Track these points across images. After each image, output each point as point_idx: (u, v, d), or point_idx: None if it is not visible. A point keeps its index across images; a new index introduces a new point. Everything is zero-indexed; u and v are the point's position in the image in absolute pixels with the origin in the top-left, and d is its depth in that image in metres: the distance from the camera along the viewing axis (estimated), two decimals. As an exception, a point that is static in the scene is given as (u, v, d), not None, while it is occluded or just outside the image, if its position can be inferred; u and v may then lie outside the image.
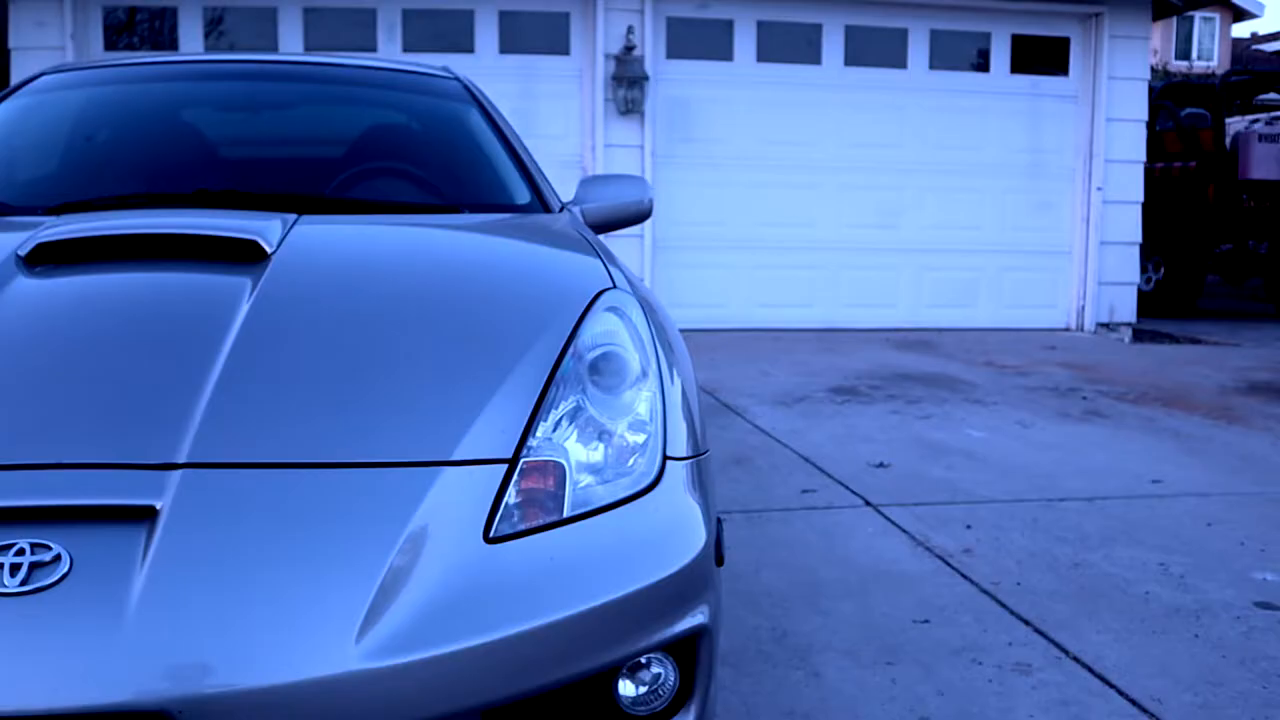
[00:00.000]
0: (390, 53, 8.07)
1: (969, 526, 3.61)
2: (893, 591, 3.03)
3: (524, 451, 1.59)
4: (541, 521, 1.54)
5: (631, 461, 1.70)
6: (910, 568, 3.23)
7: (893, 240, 8.74)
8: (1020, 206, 8.90)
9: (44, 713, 1.22)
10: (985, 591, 3.04)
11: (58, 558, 1.31)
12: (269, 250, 1.90)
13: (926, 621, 2.83)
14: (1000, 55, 8.86)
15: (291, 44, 8.20)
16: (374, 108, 3.11)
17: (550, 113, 8.05)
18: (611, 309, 1.92)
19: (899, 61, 8.71)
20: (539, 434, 1.62)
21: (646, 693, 1.64)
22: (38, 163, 2.81)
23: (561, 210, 2.78)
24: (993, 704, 2.39)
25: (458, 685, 1.40)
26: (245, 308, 1.72)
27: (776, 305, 8.49)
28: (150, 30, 8.65)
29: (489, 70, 7.78)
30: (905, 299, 8.83)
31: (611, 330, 1.85)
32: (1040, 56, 8.90)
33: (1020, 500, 3.93)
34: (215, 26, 8.40)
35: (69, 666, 1.25)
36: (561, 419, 1.67)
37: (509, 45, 8.19)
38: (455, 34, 8.17)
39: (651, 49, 8.15)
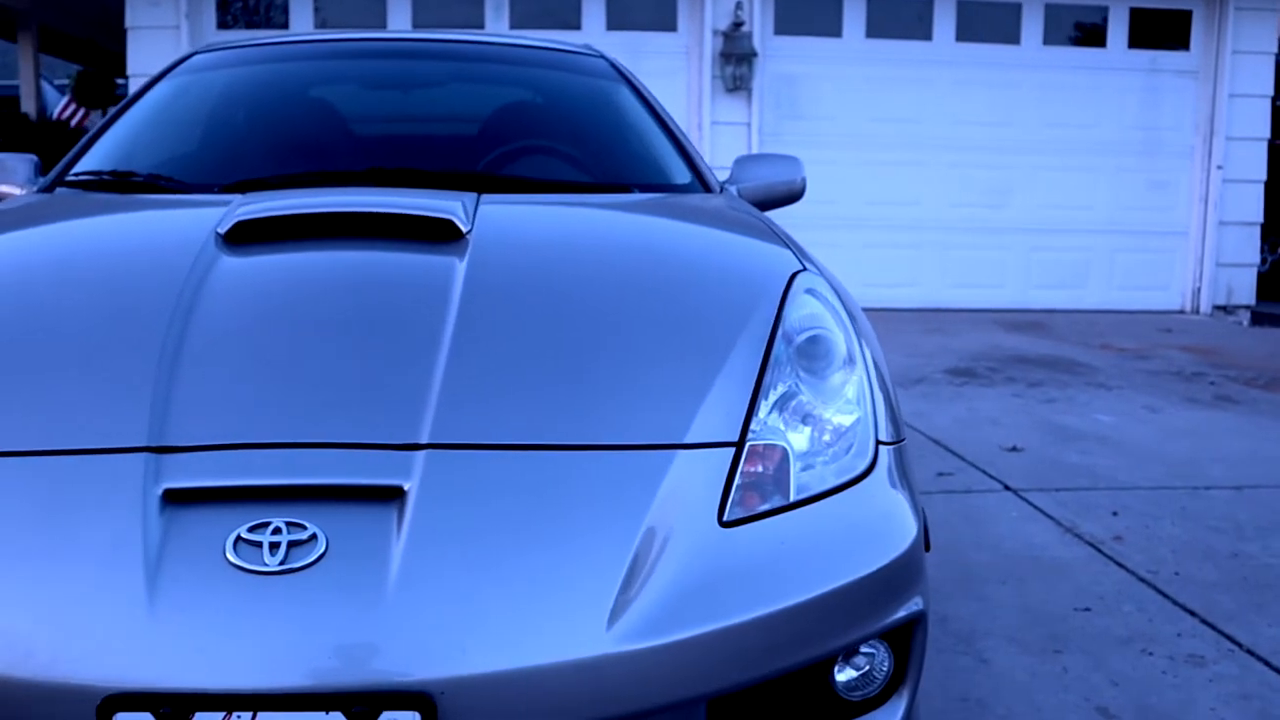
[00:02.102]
0: (498, 30, 8.10)
1: (1115, 513, 3.54)
2: (1047, 578, 2.98)
3: (748, 435, 1.58)
4: (770, 506, 1.54)
5: (845, 446, 1.68)
6: (1061, 554, 3.17)
7: (1001, 219, 8.58)
8: (1134, 185, 8.67)
9: (309, 691, 1.24)
10: (1143, 580, 2.97)
11: (313, 537, 1.32)
12: (464, 229, 1.91)
13: (1088, 609, 2.78)
14: (1118, 30, 8.62)
15: (399, 21, 8.26)
16: (527, 86, 3.11)
17: (656, 90, 7.91)
18: (809, 291, 1.91)
19: (1012, 37, 8.52)
20: (760, 417, 1.62)
21: (861, 678, 1.63)
22: (202, 141, 2.85)
23: (721, 190, 2.76)
24: (1170, 696, 2.34)
25: (696, 671, 1.39)
26: (458, 288, 1.72)
27: (881, 285, 8.38)
28: (261, 9, 8.78)
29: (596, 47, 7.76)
30: (1013, 279, 8.67)
31: (816, 313, 1.84)
32: (1160, 31, 8.64)
33: (1164, 487, 3.85)
34: (325, 4, 8.50)
35: (331, 646, 1.26)
36: (777, 403, 1.66)
37: (616, 22, 8.17)
38: (563, 10, 8.17)
39: (760, 25, 8.08)
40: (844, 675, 1.62)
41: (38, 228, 2.20)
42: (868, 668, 1.64)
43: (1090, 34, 8.70)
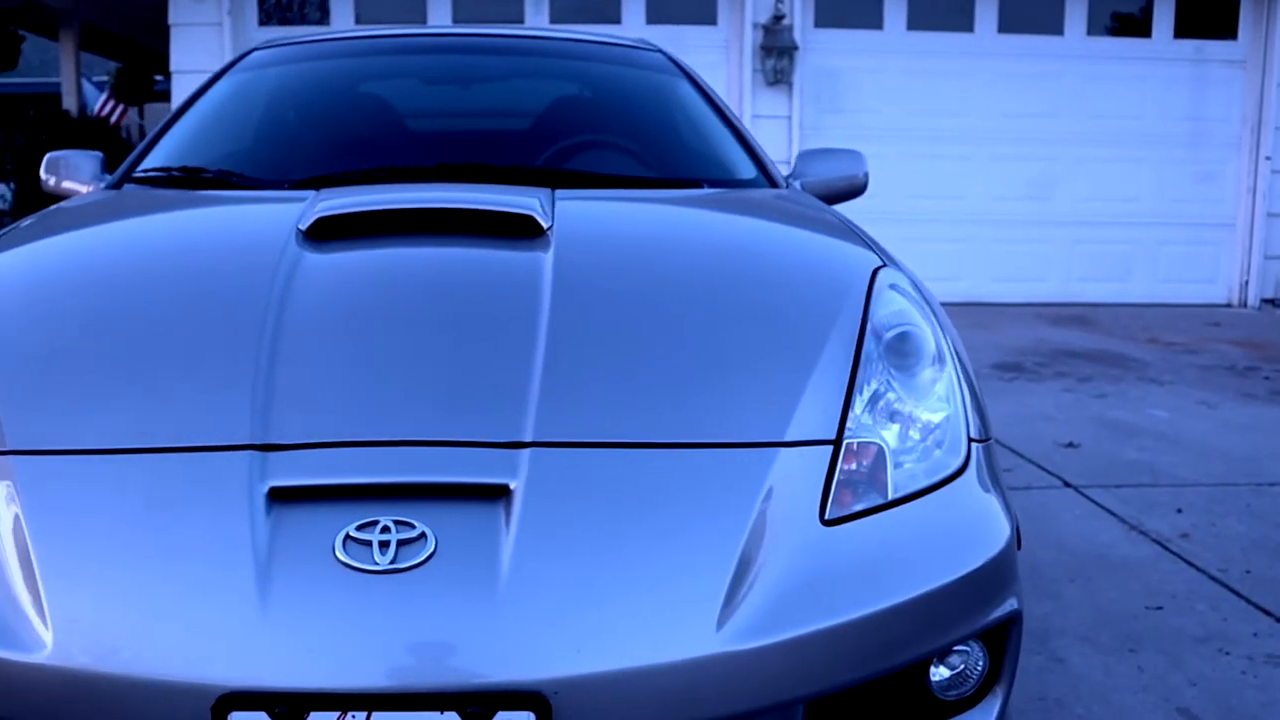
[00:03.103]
0: (538, 24, 8.09)
1: (1180, 511, 3.49)
2: (1116, 576, 2.95)
3: (844, 433, 1.57)
4: (870, 504, 1.52)
5: (937, 443, 1.66)
6: (1128, 552, 3.13)
7: (1044, 212, 8.50)
8: (1180, 177, 8.56)
9: (424, 691, 1.23)
10: (1214, 579, 2.93)
11: (422, 536, 1.32)
12: (545, 225, 1.90)
13: (1160, 608, 2.74)
14: (1163, 19, 8.51)
15: (439, 16, 8.27)
16: (587, 81, 3.10)
17: (697, 84, 7.97)
18: (893, 287, 1.89)
19: (1055, 28, 8.43)
20: (854, 415, 1.60)
21: (956, 677, 1.62)
22: (267, 137, 2.86)
23: (785, 185, 2.74)
24: (1252, 697, 2.31)
25: (802, 671, 1.38)
26: (548, 285, 1.71)
27: (924, 279, 8.28)
28: (301, 6, 8.81)
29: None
30: (1056, 273, 8.59)
31: (903, 309, 1.82)
32: (1206, 20, 8.52)
33: (1227, 484, 3.79)
34: (364, 0, 8.51)
35: (445, 645, 1.25)
36: (870, 400, 1.65)
37: (656, 16, 8.14)
38: (602, 4, 8.15)
39: (800, 18, 8.03)
40: (939, 674, 1.60)
41: (117, 224, 2.21)
42: (962, 667, 1.62)
43: (1135, 24, 8.59)
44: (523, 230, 1.90)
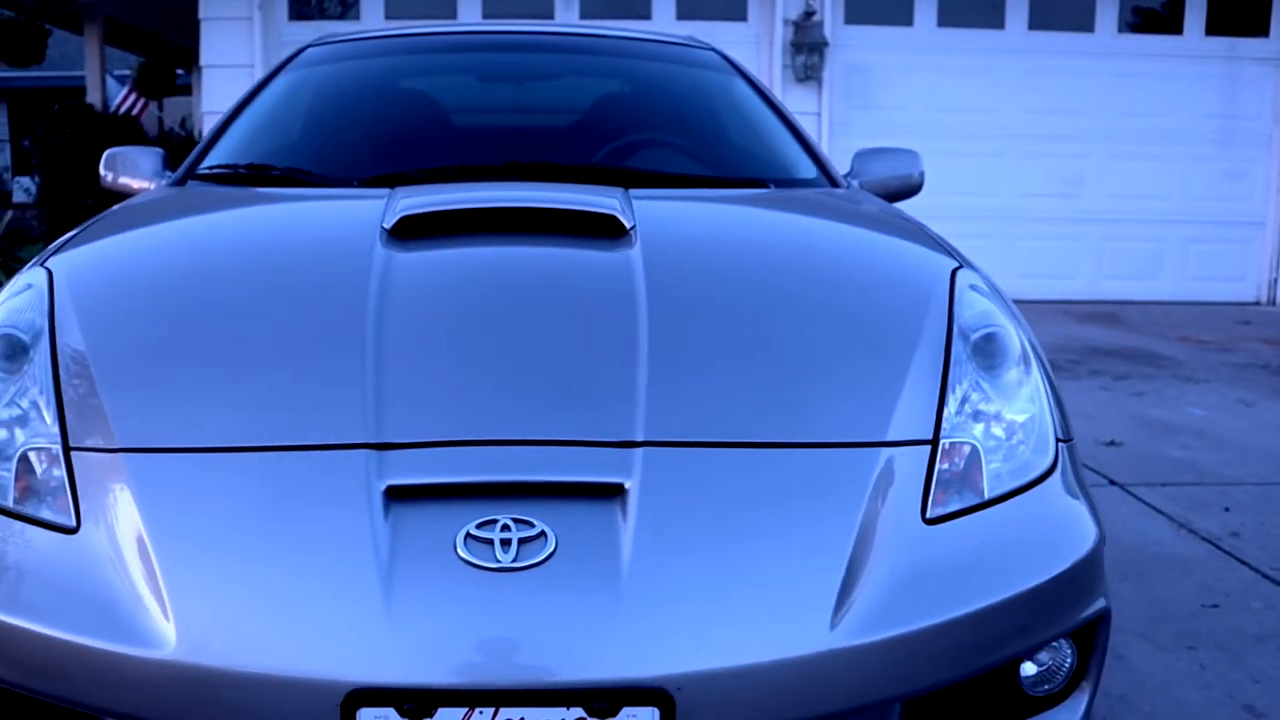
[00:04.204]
0: (568, 19, 8.10)
1: (1227, 509, 3.50)
2: (1169, 574, 2.96)
3: (940, 433, 1.59)
4: (967, 504, 1.54)
5: (1026, 444, 1.68)
6: (1179, 550, 3.15)
7: (1073, 209, 8.49)
8: (1210, 175, 8.54)
9: (550, 687, 1.25)
10: (1267, 577, 2.95)
11: (542, 534, 1.34)
12: (628, 225, 1.92)
13: (1216, 606, 2.76)
14: (1195, 17, 8.48)
15: (469, 13, 8.29)
16: (644, 79, 3.11)
17: (726, 80, 7.97)
18: (973, 288, 1.91)
19: (1086, 25, 8.41)
20: (948, 415, 1.62)
21: (1046, 673, 1.64)
22: (329, 134, 2.87)
23: (845, 184, 2.76)
24: (1316, 694, 2.32)
25: (909, 667, 1.40)
26: (641, 284, 1.73)
27: (952, 276, 8.29)
28: (332, 1, 8.83)
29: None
30: (1084, 270, 8.58)
31: (987, 310, 1.84)
32: (1238, 17, 8.49)
33: (1274, 483, 3.80)
34: (395, -5, 8.52)
35: (570, 642, 1.27)
36: (960, 401, 1.67)
37: (686, 11, 8.15)
38: (632, 0, 8.16)
39: (831, 14, 8.02)
40: (1028, 670, 1.62)
41: (200, 220, 2.23)
42: (1052, 663, 1.64)
43: (1166, 21, 8.56)
44: (605, 230, 1.92)
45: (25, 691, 1.41)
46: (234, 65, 8.21)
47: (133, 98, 16.20)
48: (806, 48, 7.88)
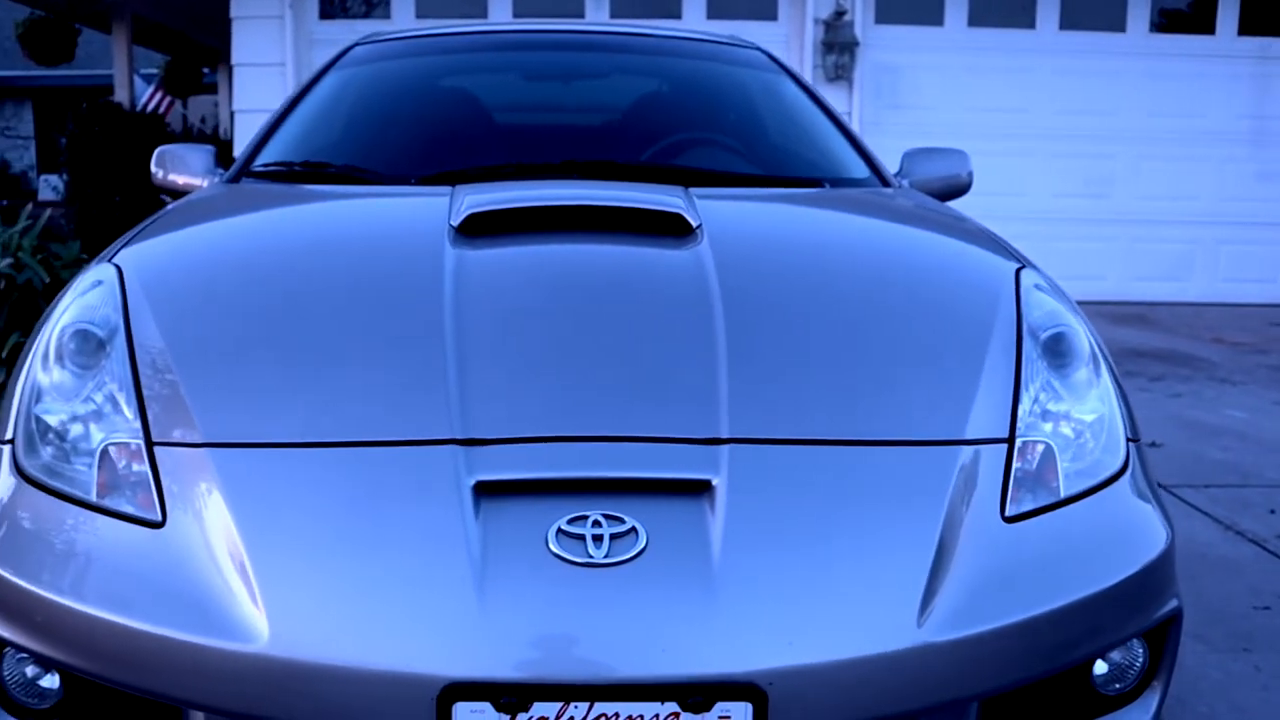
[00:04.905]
0: (598, 18, 8.11)
1: (1273, 511, 3.49)
2: (1219, 575, 2.95)
3: (1016, 432, 1.59)
4: (1044, 503, 1.55)
5: (1098, 443, 1.69)
6: (1227, 552, 3.14)
7: (1103, 210, 8.45)
8: (1242, 176, 8.49)
9: (645, 682, 1.26)
10: (1318, 579, 2.94)
11: (632, 530, 1.35)
12: (694, 224, 1.92)
13: (1267, 608, 2.75)
14: (1228, 16, 8.42)
15: (500, 12, 8.30)
16: (693, 78, 3.11)
17: (756, 79, 7.96)
18: (1038, 287, 1.91)
19: (1117, 25, 8.37)
20: (1022, 415, 1.62)
21: (1117, 671, 1.64)
22: (384, 133, 2.88)
23: (896, 184, 2.76)
24: (1375, 697, 2.31)
25: (992, 665, 1.41)
26: (715, 283, 1.74)
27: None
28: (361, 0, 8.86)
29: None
30: (1115, 271, 8.54)
31: (1056, 310, 1.84)
32: (1271, 17, 8.43)
33: (1318, 485, 3.79)
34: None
35: (664, 637, 1.28)
36: (1033, 400, 1.67)
37: (717, 11, 8.14)
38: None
39: (861, 14, 8.01)
40: (1100, 669, 1.62)
41: (266, 216, 2.24)
42: (1123, 662, 1.64)
43: (1198, 21, 8.51)
44: (671, 229, 1.92)
45: (110, 684, 1.42)
46: (265, 64, 8.25)
47: (159, 96, 16.30)
48: (837, 47, 7.87)
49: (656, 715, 1.25)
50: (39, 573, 1.46)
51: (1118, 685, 1.63)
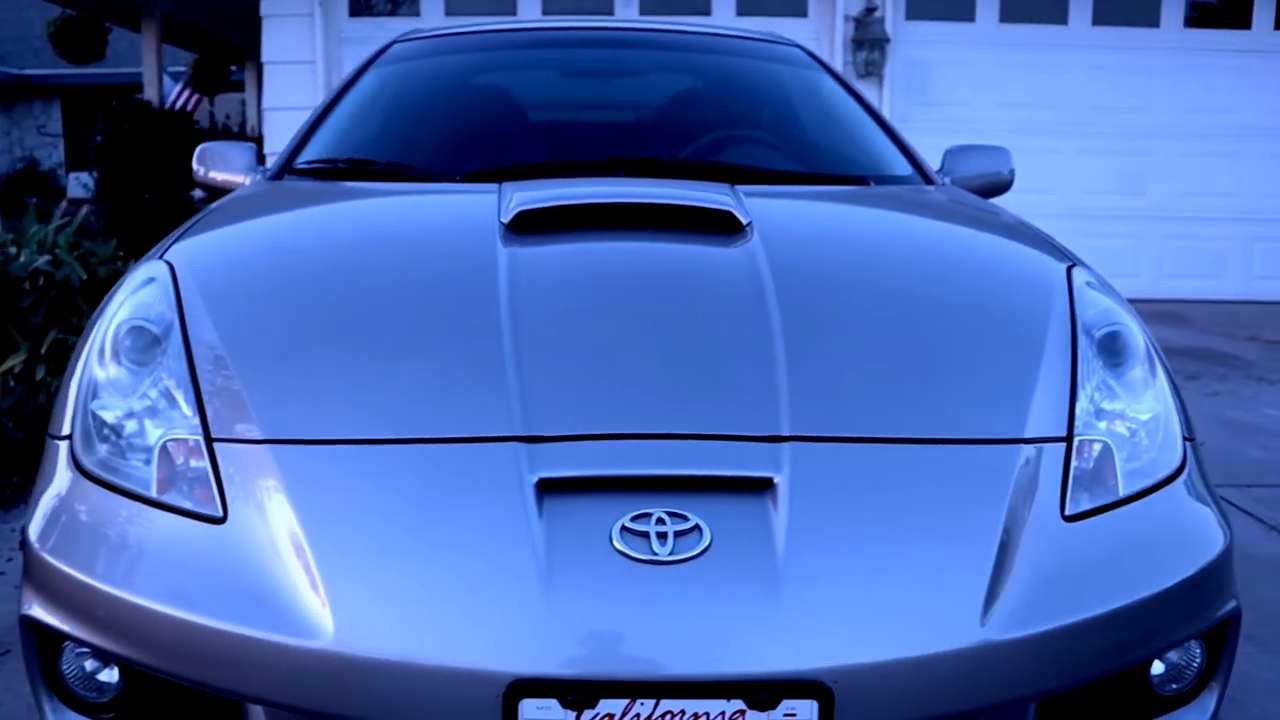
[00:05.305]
0: (627, 15, 8.10)
1: (1317, 511, 3.46)
2: (1266, 576, 2.93)
3: (1074, 430, 1.58)
4: (1103, 502, 1.54)
5: (1155, 442, 1.68)
6: (1272, 552, 3.11)
7: (1136, 207, 8.38)
8: (1277, 172, 8.40)
9: (711, 679, 1.26)
10: (1366, 580, 2.91)
11: (696, 527, 1.35)
12: (744, 221, 1.92)
13: (1317, 609, 2.72)
14: (1264, 10, 8.32)
15: (529, 10, 8.31)
16: (732, 75, 3.10)
17: (786, 76, 7.94)
18: (1090, 285, 1.90)
19: (1151, 20, 8.29)
20: (1079, 413, 1.61)
21: (1175, 672, 1.62)
22: (426, 130, 2.88)
23: (940, 182, 2.74)
24: None
25: (1048, 665, 1.40)
26: (768, 280, 1.73)
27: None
28: (389, -2, 8.88)
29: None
30: (1147, 269, 8.47)
31: (1110, 308, 1.83)
32: (1310, 11, 8.35)
33: (1361, 485, 3.75)
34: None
35: (730, 635, 1.27)
36: (1090, 398, 1.66)
37: (747, 8, 8.12)
38: (692, -4, 8.15)
39: (891, 10, 7.97)
40: (1157, 669, 1.61)
41: (313, 213, 2.24)
42: (1181, 662, 1.63)
43: (1233, 15, 8.42)
44: (721, 226, 1.92)
45: (171, 678, 1.43)
46: (295, 61, 8.29)
47: (187, 94, 16.40)
48: (867, 44, 7.84)
49: (722, 713, 1.25)
50: (100, 568, 1.47)
51: (1174, 685, 1.62)
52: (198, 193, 10.91)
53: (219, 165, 2.95)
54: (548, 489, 1.38)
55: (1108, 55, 8.24)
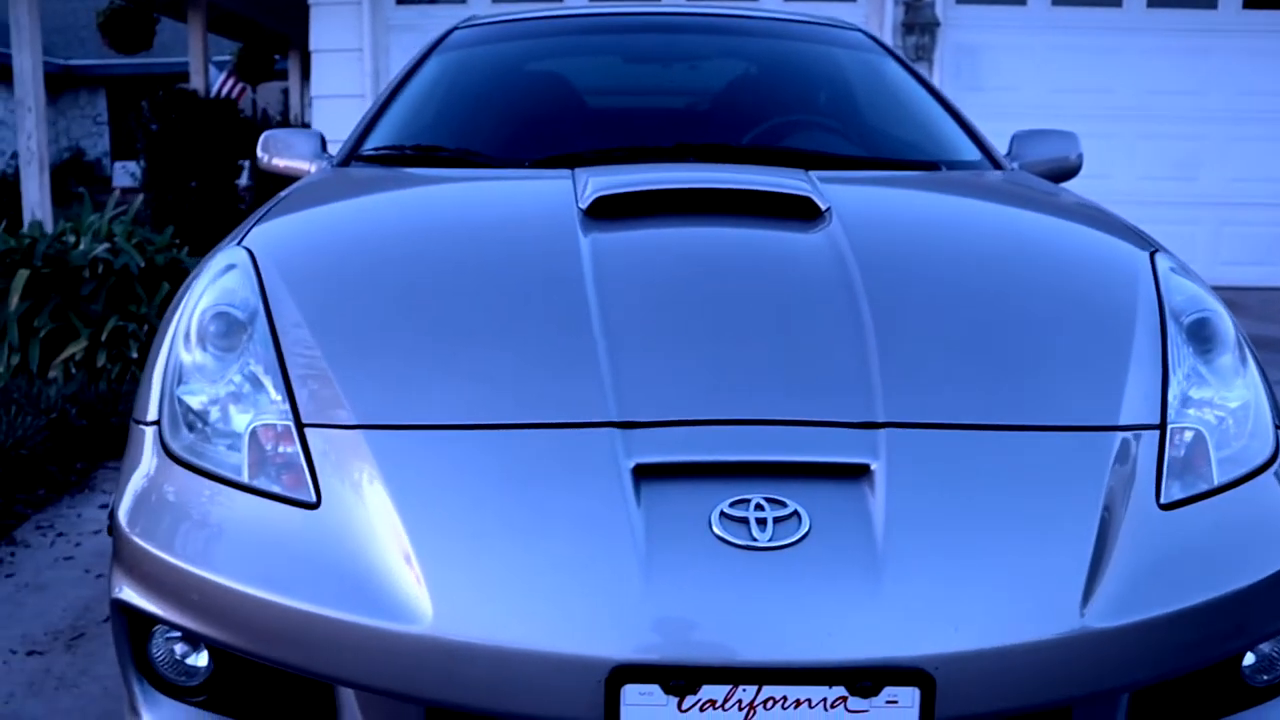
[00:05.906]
0: (683, 0, 8.06)
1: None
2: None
3: (1166, 418, 1.56)
4: (1198, 490, 1.52)
5: (1247, 430, 1.65)
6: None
7: (1191, 193, 8.26)
8: (1336, 158, 8.25)
9: (813, 665, 1.25)
10: None
11: (794, 514, 1.34)
12: (823, 207, 1.90)
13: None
14: (1327, -9, 8.19)
15: (577, -5, 8.29)
16: (797, 60, 3.08)
17: (834, 61, 7.87)
18: (1174, 270, 1.87)
19: (1208, 1, 8.16)
20: (1172, 401, 1.59)
21: (1266, 663, 1.60)
22: (492, 116, 2.88)
23: (1009, 167, 2.71)
24: None
25: (1145, 654, 1.38)
26: (854, 266, 1.72)
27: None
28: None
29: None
30: (1201, 255, 8.32)
31: (1197, 295, 1.81)
32: (1373, -9, 8.18)
33: None
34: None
35: (831, 621, 1.27)
36: (1181, 386, 1.63)
37: (794, -9, 8.08)
38: (741, -20, 8.10)
39: (942, -7, 7.90)
40: (1248, 660, 1.59)
41: (383, 199, 2.25)
42: (1273, 653, 1.60)
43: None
44: (799, 212, 1.91)
45: (263, 661, 1.44)
46: (343, 50, 8.33)
47: (231, 82, 16.54)
48: (918, 28, 7.77)
49: (824, 698, 1.25)
50: (191, 551, 1.48)
51: (1265, 677, 1.60)
52: (243, 180, 11.01)
53: (283, 152, 2.96)
54: (645, 475, 1.38)
55: (1163, 38, 8.11)
